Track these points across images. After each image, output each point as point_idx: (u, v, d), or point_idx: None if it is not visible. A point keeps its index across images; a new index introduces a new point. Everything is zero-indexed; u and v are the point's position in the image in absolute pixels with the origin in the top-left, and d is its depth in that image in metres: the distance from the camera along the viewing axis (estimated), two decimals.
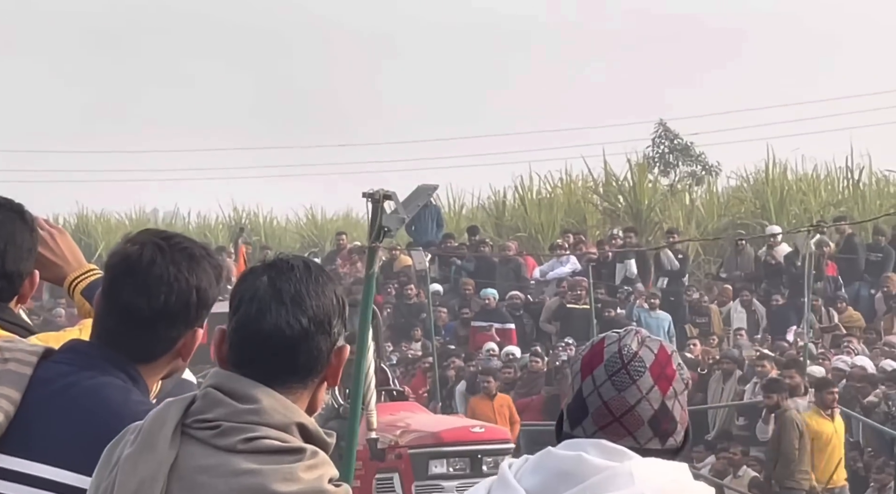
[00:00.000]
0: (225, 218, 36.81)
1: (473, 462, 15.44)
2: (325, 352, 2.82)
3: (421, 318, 23.41)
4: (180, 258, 3.13)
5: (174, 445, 2.74)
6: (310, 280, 2.81)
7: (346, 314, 2.88)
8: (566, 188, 31.82)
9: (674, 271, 24.28)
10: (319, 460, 2.75)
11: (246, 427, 2.73)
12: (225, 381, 2.78)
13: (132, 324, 3.12)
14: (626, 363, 2.85)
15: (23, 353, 3.12)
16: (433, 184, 10.42)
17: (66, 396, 3.07)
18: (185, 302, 3.12)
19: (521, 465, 2.87)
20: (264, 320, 2.78)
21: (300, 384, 2.81)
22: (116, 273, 3.13)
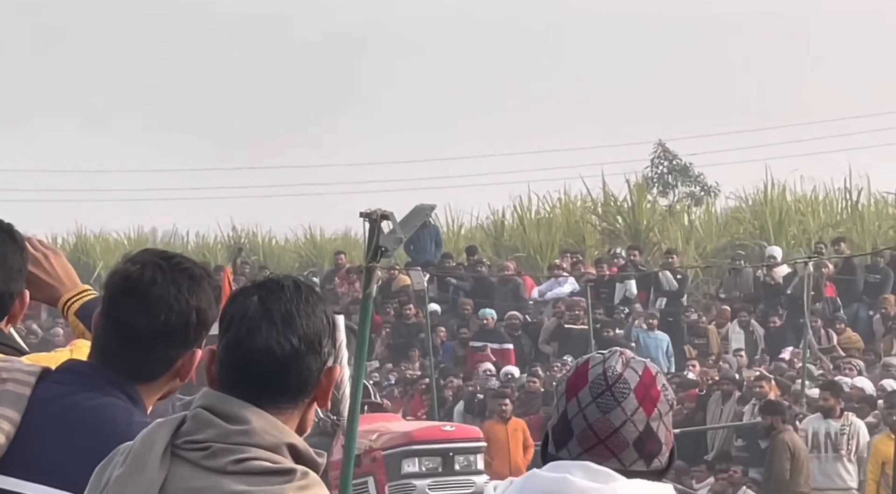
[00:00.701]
0: (224, 237, 36.80)
1: (445, 461, 15.45)
2: (316, 372, 2.82)
3: (420, 338, 23.39)
4: (181, 278, 3.13)
5: (164, 466, 2.73)
6: (300, 300, 2.81)
7: (336, 334, 2.88)
8: (565, 208, 31.82)
9: (672, 291, 24.27)
10: (310, 480, 2.75)
11: (236, 448, 2.73)
12: (215, 402, 2.78)
13: (132, 344, 3.12)
14: (610, 384, 2.86)
15: (21, 373, 3.12)
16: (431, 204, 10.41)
17: (68, 417, 3.07)
18: (185, 323, 3.12)
19: (506, 488, 2.87)
20: (255, 340, 2.78)
21: (291, 404, 2.80)
22: (116, 292, 3.13)
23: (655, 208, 31.44)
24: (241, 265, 30.31)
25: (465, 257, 26.85)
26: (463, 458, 15.60)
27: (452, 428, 16.15)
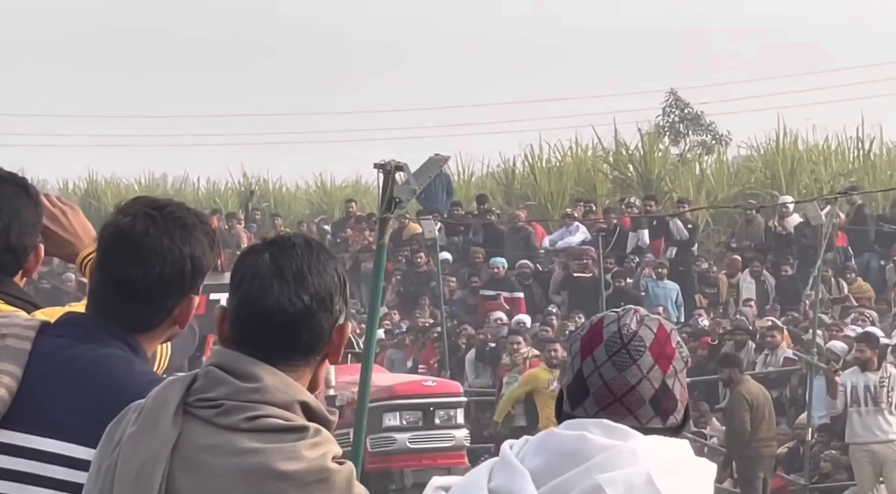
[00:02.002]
0: (234, 184, 36.78)
1: (426, 415, 15.62)
2: (327, 330, 2.82)
3: (430, 287, 23.41)
4: (173, 227, 3.13)
5: (176, 424, 2.74)
6: (311, 257, 2.81)
7: (347, 291, 2.87)
8: (576, 157, 31.72)
9: (683, 241, 24.23)
10: (322, 438, 2.75)
11: (248, 405, 2.73)
12: (227, 360, 2.78)
13: (128, 296, 3.12)
14: (625, 342, 2.85)
15: (20, 328, 3.13)
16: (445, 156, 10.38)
17: (69, 369, 3.08)
18: (180, 272, 3.12)
19: (522, 446, 2.87)
20: (266, 298, 2.78)
21: (303, 361, 2.81)
22: (110, 245, 3.13)
23: (667, 157, 31.35)
24: (252, 211, 30.31)
25: (475, 206, 26.82)
26: (443, 412, 15.78)
27: (434, 384, 16.38)
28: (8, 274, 3.43)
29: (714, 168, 31.67)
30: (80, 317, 3.16)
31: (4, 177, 3.49)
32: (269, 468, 2.68)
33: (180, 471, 2.72)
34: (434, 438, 15.51)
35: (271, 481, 2.68)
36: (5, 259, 3.42)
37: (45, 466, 3.02)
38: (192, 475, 2.71)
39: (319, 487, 2.70)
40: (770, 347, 19.01)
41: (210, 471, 2.71)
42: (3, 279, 3.43)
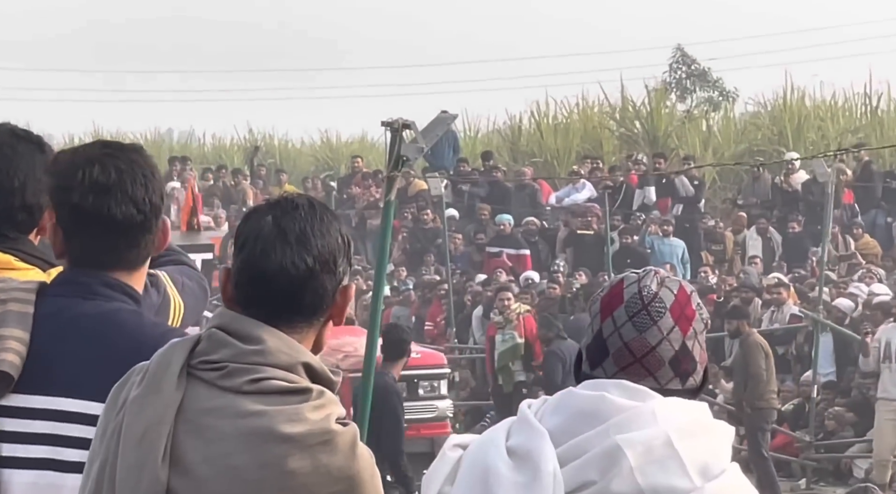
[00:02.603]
0: (240, 140, 36.78)
1: (410, 386, 15.60)
2: (331, 291, 2.82)
3: (437, 243, 23.41)
4: (135, 158, 3.17)
5: (180, 387, 2.74)
6: (314, 219, 2.81)
7: (351, 252, 2.87)
8: (582, 113, 31.66)
9: (689, 197, 24.20)
10: (326, 400, 2.76)
11: (251, 368, 2.74)
12: (229, 322, 2.79)
13: (127, 235, 3.15)
14: (646, 304, 2.85)
15: (20, 292, 3.13)
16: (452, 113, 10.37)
17: (78, 328, 3.09)
18: (161, 196, 3.18)
19: (541, 406, 2.88)
20: (269, 260, 2.78)
21: (305, 323, 2.81)
22: (92, 193, 3.12)
23: (674, 114, 31.29)
24: (257, 167, 30.29)
25: (480, 163, 26.79)
26: (427, 384, 15.84)
27: (418, 355, 16.46)
28: (23, 232, 3.43)
29: (721, 124, 31.60)
30: (77, 274, 3.16)
31: (19, 135, 3.49)
32: (273, 430, 2.69)
33: (184, 434, 2.72)
34: (418, 409, 15.52)
35: (274, 443, 2.69)
36: (21, 216, 3.42)
37: (68, 426, 3.03)
38: (195, 437, 2.72)
39: (323, 449, 2.70)
40: (776, 304, 19.02)
41: (213, 434, 2.71)
42: (19, 237, 3.43)
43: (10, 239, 3.41)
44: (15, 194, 3.40)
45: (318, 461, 2.69)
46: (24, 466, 3.02)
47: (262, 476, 2.68)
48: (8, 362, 3.02)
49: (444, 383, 16.29)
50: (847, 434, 17.39)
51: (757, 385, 15.70)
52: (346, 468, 2.71)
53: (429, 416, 15.71)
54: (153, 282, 3.58)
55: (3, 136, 3.46)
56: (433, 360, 16.43)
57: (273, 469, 2.68)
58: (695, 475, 2.70)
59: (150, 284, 3.54)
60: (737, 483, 2.75)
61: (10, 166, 3.41)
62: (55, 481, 3.00)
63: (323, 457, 2.69)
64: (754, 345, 15.84)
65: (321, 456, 2.69)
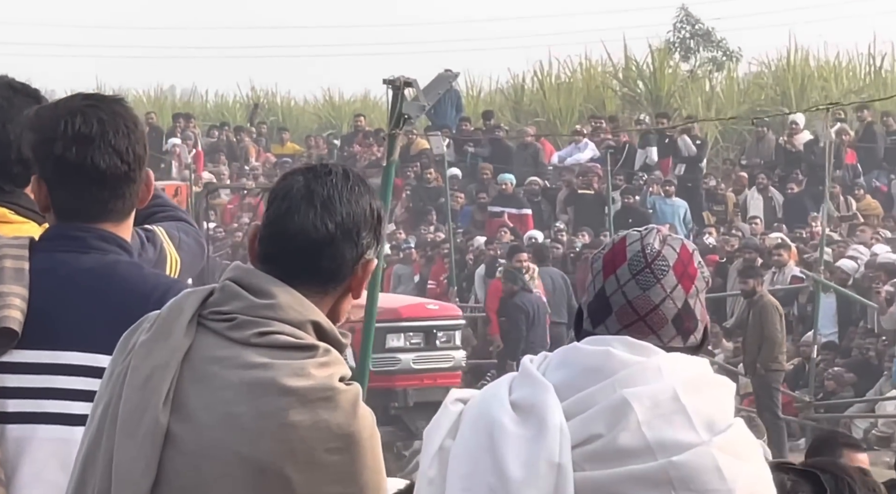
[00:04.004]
0: (242, 97, 36.69)
1: (428, 336, 15.96)
2: (350, 261, 2.83)
3: (439, 202, 23.41)
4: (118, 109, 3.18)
5: (189, 334, 2.76)
6: (345, 187, 2.82)
7: (381, 229, 2.87)
8: (585, 73, 31.56)
9: (691, 157, 24.16)
10: (332, 358, 2.77)
11: (261, 321, 2.76)
12: (244, 275, 2.81)
13: (112, 185, 3.14)
14: (649, 262, 2.86)
15: (12, 249, 3.13)
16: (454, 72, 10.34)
17: (79, 282, 3.09)
18: (144, 146, 3.18)
19: (542, 361, 2.88)
20: (292, 219, 2.80)
21: (320, 288, 2.82)
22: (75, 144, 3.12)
23: (677, 73, 31.19)
24: (258, 124, 30.24)
25: (482, 122, 26.74)
26: (443, 335, 16.13)
27: (437, 307, 16.73)
28: (19, 186, 3.43)
29: (724, 85, 31.49)
30: (69, 228, 3.15)
31: (16, 88, 3.48)
32: (275, 382, 2.71)
33: (188, 380, 2.74)
34: (435, 359, 15.85)
35: (276, 395, 2.70)
36: (16, 170, 3.41)
37: (74, 379, 3.04)
38: (199, 384, 2.74)
39: (324, 405, 2.71)
40: (777, 266, 19.00)
41: (217, 382, 2.73)
42: (14, 190, 3.43)
43: (6, 192, 3.41)
44: (11, 147, 3.39)
45: (317, 416, 2.70)
46: (31, 421, 3.03)
47: (261, 425, 2.70)
48: (11, 318, 3.02)
49: (458, 334, 16.63)
50: (847, 395, 17.44)
51: (773, 346, 15.70)
52: (345, 425, 2.72)
53: (447, 366, 16.05)
54: (149, 238, 3.58)
55: (0, 89, 3.45)
56: (450, 312, 16.81)
57: (272, 419, 2.70)
58: (701, 429, 2.72)
59: (146, 239, 3.55)
60: (743, 438, 2.76)
61: (5, 118, 3.41)
62: (63, 435, 3.01)
63: (323, 413, 2.71)
64: (769, 306, 15.80)
65: (321, 412, 2.71)
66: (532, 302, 17.73)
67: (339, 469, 2.72)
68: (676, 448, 2.69)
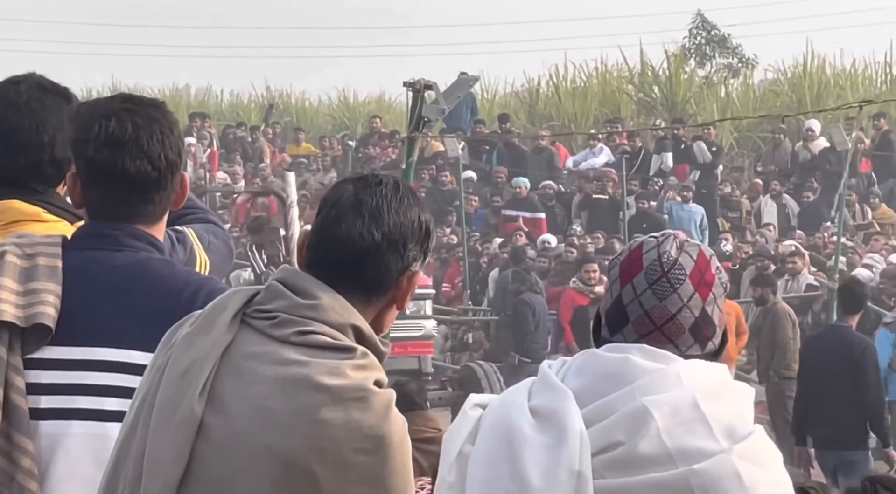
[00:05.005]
0: (257, 97, 36.72)
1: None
2: (395, 272, 2.85)
3: (454, 205, 23.40)
4: (154, 114, 3.17)
5: (231, 330, 2.79)
6: (394, 198, 2.84)
7: (429, 242, 2.89)
8: (601, 78, 31.56)
9: (706, 164, 24.12)
10: (369, 362, 2.79)
11: (302, 320, 2.78)
12: (290, 277, 2.83)
13: (141, 190, 3.16)
14: (666, 271, 2.84)
15: (46, 246, 3.15)
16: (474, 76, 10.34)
17: (111, 279, 3.10)
18: (179, 152, 3.19)
19: (561, 367, 2.88)
20: (339, 227, 2.82)
21: (363, 297, 2.83)
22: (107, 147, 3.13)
23: (692, 79, 31.18)
24: (272, 124, 30.25)
25: (497, 125, 26.74)
26: (413, 304, 16.22)
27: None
28: (51, 186, 3.46)
29: (740, 91, 31.49)
30: (101, 227, 3.17)
31: (46, 87, 3.49)
32: (310, 379, 2.72)
33: (226, 374, 2.76)
34: (406, 327, 15.90)
35: (310, 391, 2.72)
36: (50, 170, 3.44)
37: (108, 375, 3.05)
38: (235, 378, 2.76)
39: (357, 405, 2.72)
40: (791, 273, 18.95)
41: (253, 376, 2.75)
42: (47, 190, 3.45)
43: (39, 192, 3.44)
44: (44, 149, 3.43)
45: (349, 415, 2.71)
46: (64, 417, 3.05)
47: (293, 421, 2.71)
48: (45, 314, 3.04)
49: (428, 304, 16.87)
50: None
51: (784, 354, 15.66)
52: (376, 427, 2.72)
53: (416, 334, 16.29)
54: (180, 239, 3.60)
55: (32, 90, 3.46)
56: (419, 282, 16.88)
57: (304, 415, 2.71)
58: (721, 436, 2.71)
59: (176, 240, 3.56)
60: (763, 445, 2.76)
61: (38, 121, 3.43)
62: (97, 431, 3.03)
63: (355, 413, 2.71)
64: (782, 314, 15.78)
65: (354, 412, 2.71)
66: (538, 302, 17.82)
67: (366, 470, 2.72)
68: (697, 456, 2.69)
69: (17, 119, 3.43)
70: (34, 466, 3.00)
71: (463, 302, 20.27)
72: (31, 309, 3.05)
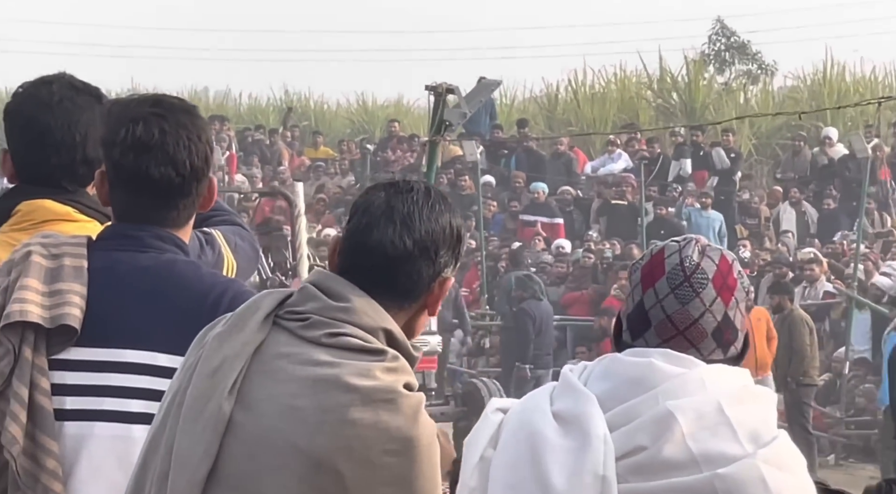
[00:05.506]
0: (276, 100, 36.74)
1: None
2: (426, 279, 2.85)
3: (472, 210, 23.41)
4: (184, 120, 3.17)
5: (263, 330, 2.80)
6: (426, 204, 2.84)
7: (460, 247, 2.89)
8: (620, 83, 31.52)
9: (725, 170, 24.09)
10: (400, 365, 2.79)
11: (333, 322, 2.78)
12: (323, 280, 2.84)
13: (165, 195, 3.16)
14: (688, 275, 2.84)
15: (71, 247, 3.15)
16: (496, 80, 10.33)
17: (137, 280, 3.10)
18: (206, 159, 3.19)
19: (582, 371, 2.87)
20: (371, 234, 2.83)
21: (394, 303, 2.84)
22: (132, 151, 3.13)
23: (711, 86, 31.13)
24: (291, 128, 30.27)
25: (516, 130, 26.73)
26: None
27: None
28: (82, 185, 3.47)
29: (759, 98, 31.43)
30: (127, 228, 3.17)
31: (78, 87, 3.51)
32: (340, 379, 2.73)
33: (256, 373, 2.77)
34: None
35: (339, 391, 2.72)
36: (81, 170, 3.46)
37: (132, 377, 3.05)
38: (265, 377, 2.77)
39: (386, 407, 2.73)
40: (809, 281, 18.92)
41: (282, 375, 2.76)
42: (78, 189, 3.47)
43: (70, 191, 3.46)
44: (77, 148, 3.44)
45: (378, 416, 2.71)
46: (89, 418, 3.05)
47: (322, 419, 2.72)
48: (71, 315, 3.04)
49: (433, 320, 16.70)
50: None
51: (802, 360, 15.66)
52: (405, 429, 2.73)
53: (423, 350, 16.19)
54: (208, 241, 3.61)
55: (63, 90, 3.48)
56: None
57: (333, 415, 2.71)
58: (746, 441, 2.71)
59: (205, 242, 3.58)
60: (788, 450, 2.76)
61: (70, 120, 3.45)
62: (121, 432, 3.03)
63: (384, 414, 2.72)
64: (799, 320, 15.78)
65: (382, 413, 2.72)
66: (539, 309, 17.80)
67: (394, 472, 2.72)
68: (722, 461, 2.69)
69: (50, 118, 3.45)
70: (58, 467, 3.01)
71: (480, 307, 20.26)
72: (56, 310, 3.05)
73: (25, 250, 3.13)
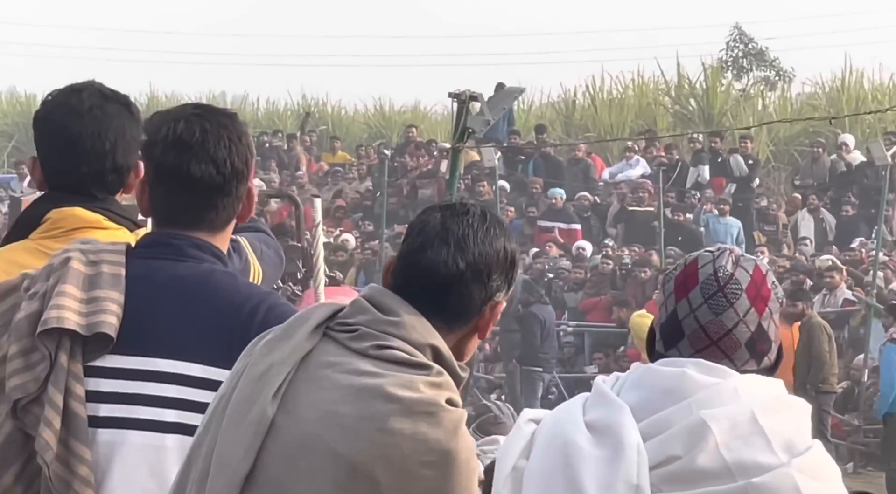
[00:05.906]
0: (293, 105, 36.78)
1: None
2: (478, 302, 2.86)
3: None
4: (224, 122, 3.18)
5: (311, 339, 2.82)
6: (481, 227, 2.86)
7: (514, 272, 2.89)
8: (638, 89, 31.49)
9: (743, 177, 24.06)
10: (444, 380, 2.80)
11: (381, 335, 2.80)
12: (375, 294, 2.87)
13: (205, 194, 3.16)
14: (722, 285, 2.84)
15: (110, 254, 3.15)
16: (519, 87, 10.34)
17: (174, 290, 3.10)
18: (246, 161, 3.19)
19: (615, 382, 2.87)
20: (424, 255, 2.85)
21: (444, 324, 2.85)
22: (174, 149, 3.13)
23: (729, 92, 31.08)
24: (308, 133, 30.30)
25: (534, 136, 26.72)
26: None
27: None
28: (111, 193, 3.48)
29: (777, 105, 31.37)
30: (166, 236, 3.17)
31: (107, 95, 3.50)
32: (382, 389, 2.74)
33: (301, 380, 2.79)
34: None
35: (381, 401, 2.73)
36: (111, 178, 3.46)
37: (166, 387, 3.05)
38: (309, 384, 2.79)
39: (426, 419, 2.73)
40: (828, 288, 18.86)
41: (326, 383, 2.78)
42: (108, 197, 3.47)
43: (99, 199, 3.46)
44: (107, 156, 3.44)
45: (418, 428, 2.72)
46: (122, 426, 3.05)
47: (361, 427, 2.73)
48: (107, 323, 3.05)
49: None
50: None
51: (821, 368, 15.61)
52: (444, 442, 2.73)
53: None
54: (235, 248, 3.62)
55: (93, 98, 3.48)
56: None
57: (373, 422, 2.73)
58: (780, 450, 2.71)
59: (232, 250, 3.56)
60: (822, 460, 2.76)
61: (100, 129, 3.45)
62: (154, 441, 3.03)
63: (424, 426, 2.73)
64: (818, 327, 15.73)
65: (422, 425, 2.73)
66: (546, 313, 17.79)
67: (430, 484, 2.73)
68: (756, 470, 2.69)
69: (80, 126, 3.45)
70: (91, 474, 3.01)
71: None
72: (93, 317, 3.05)
73: (65, 256, 3.14)
